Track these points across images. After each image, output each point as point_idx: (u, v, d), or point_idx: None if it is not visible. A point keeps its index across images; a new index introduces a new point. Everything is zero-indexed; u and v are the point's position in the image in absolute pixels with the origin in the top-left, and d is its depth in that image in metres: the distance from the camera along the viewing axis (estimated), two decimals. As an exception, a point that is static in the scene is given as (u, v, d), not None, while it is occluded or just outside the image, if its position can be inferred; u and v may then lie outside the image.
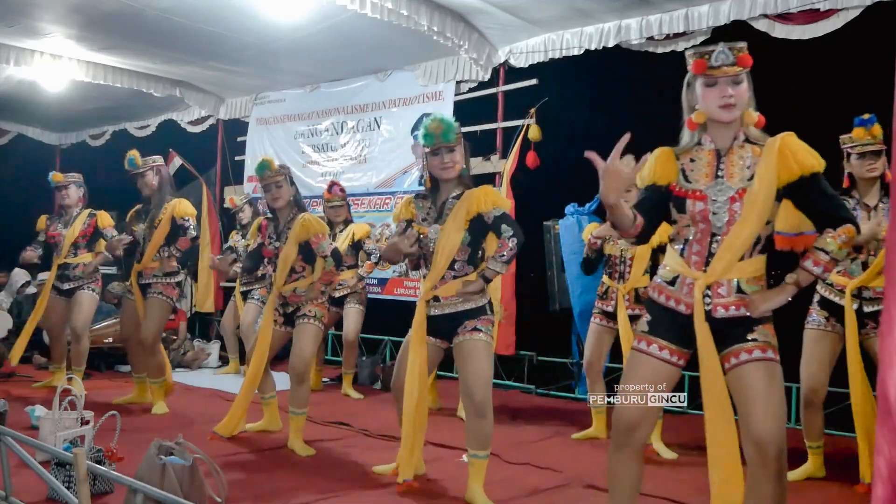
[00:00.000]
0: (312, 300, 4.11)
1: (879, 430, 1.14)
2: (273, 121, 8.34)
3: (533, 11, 5.62)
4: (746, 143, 2.26)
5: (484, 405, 3.12)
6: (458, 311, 3.20)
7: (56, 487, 2.58)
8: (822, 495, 3.51)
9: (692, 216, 2.28)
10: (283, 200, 4.13)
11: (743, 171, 2.23)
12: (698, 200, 2.27)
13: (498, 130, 6.47)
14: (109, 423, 3.30)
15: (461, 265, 3.21)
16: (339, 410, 5.07)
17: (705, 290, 2.23)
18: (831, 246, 2.15)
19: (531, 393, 6.13)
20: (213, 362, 7.25)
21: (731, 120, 2.25)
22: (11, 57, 6.83)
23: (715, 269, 2.21)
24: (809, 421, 3.70)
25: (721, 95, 2.22)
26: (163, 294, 4.90)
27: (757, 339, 2.19)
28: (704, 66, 2.22)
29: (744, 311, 2.21)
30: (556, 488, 3.48)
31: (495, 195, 3.17)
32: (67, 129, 10.52)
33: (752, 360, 2.17)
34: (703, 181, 2.28)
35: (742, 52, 2.21)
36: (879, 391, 1.15)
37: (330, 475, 3.59)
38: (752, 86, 2.25)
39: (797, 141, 2.19)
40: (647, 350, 2.32)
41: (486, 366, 3.15)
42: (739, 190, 2.22)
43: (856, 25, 4.53)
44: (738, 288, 2.22)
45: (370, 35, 6.20)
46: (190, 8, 5.74)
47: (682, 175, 2.32)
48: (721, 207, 2.23)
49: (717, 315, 2.23)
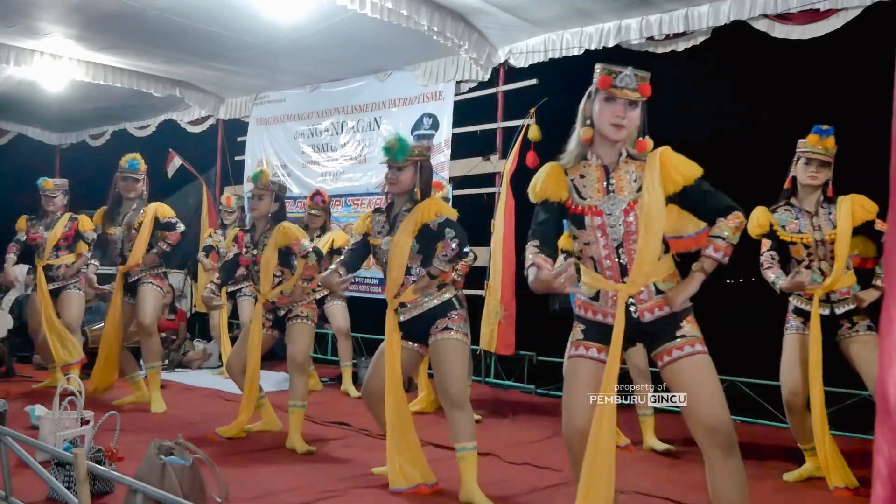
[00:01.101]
0: (300, 301, 4.27)
1: (879, 430, 1.14)
2: (273, 121, 8.34)
3: (533, 11, 5.63)
4: (630, 160, 2.43)
5: (460, 398, 3.26)
6: (425, 311, 3.35)
7: (56, 487, 2.58)
8: (822, 496, 3.51)
9: (592, 231, 2.42)
10: (258, 212, 4.32)
11: (631, 185, 2.39)
12: (595, 216, 2.41)
13: (498, 130, 6.47)
14: (109, 423, 3.30)
15: (417, 270, 3.37)
16: (339, 410, 5.07)
17: (629, 299, 2.37)
18: (726, 231, 2.32)
19: (531, 393, 6.13)
20: (213, 362, 7.25)
21: (618, 139, 2.39)
22: (11, 57, 6.84)
23: (636, 280, 2.35)
24: (795, 424, 3.73)
25: (615, 114, 2.36)
26: (153, 283, 5.12)
27: (685, 335, 2.35)
28: (609, 84, 2.36)
29: (667, 309, 2.36)
30: (555, 488, 3.48)
31: (439, 205, 3.37)
32: (67, 129, 10.52)
33: (685, 356, 2.33)
34: (596, 196, 2.42)
35: (645, 81, 2.37)
36: (879, 391, 1.15)
37: (330, 475, 3.59)
38: (644, 116, 2.41)
39: (675, 154, 2.37)
40: (585, 354, 2.44)
41: (459, 363, 3.30)
42: (630, 202, 2.37)
43: (856, 25, 4.53)
44: (656, 290, 2.38)
45: (370, 35, 6.20)
46: (190, 8, 5.74)
47: (574, 191, 2.45)
48: (616, 220, 2.39)
49: (645, 319, 2.38)
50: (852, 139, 3.77)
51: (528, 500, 3.33)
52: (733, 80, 7.44)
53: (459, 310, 3.41)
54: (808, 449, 3.74)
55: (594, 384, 2.37)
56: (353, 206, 7.51)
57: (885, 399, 1.12)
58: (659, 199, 2.33)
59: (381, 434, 4.43)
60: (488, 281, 5.99)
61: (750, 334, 5.84)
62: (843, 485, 3.47)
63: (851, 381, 4.42)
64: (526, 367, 6.35)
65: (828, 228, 3.58)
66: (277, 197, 4.35)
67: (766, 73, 7.00)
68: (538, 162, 5.86)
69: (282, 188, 4.50)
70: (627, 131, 2.38)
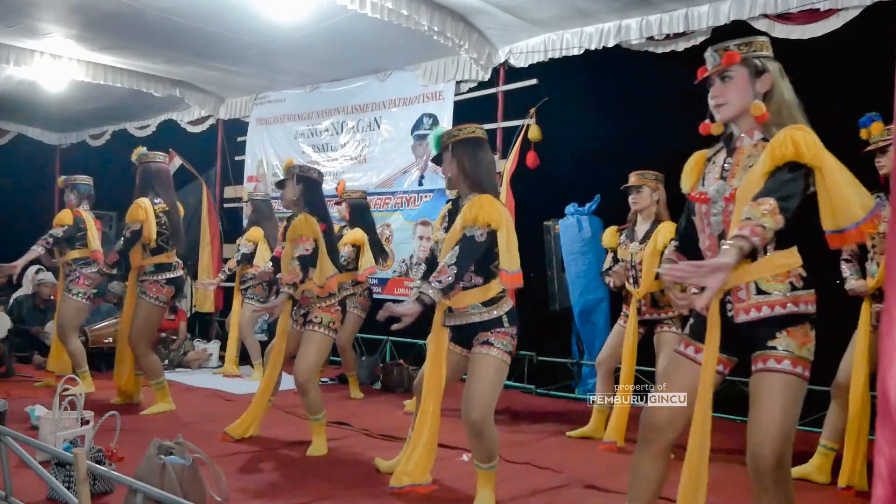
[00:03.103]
0: (316, 303, 4.00)
1: (879, 430, 1.14)
2: (273, 121, 8.34)
3: (533, 11, 5.62)
4: (762, 142, 2.19)
5: (479, 426, 3.00)
6: (470, 323, 3.12)
7: (56, 487, 2.58)
8: (822, 495, 3.51)
9: (700, 219, 2.28)
10: (286, 201, 4.13)
11: (745, 171, 2.17)
12: (703, 203, 2.26)
13: (498, 130, 6.46)
14: (109, 423, 3.30)
15: (469, 275, 3.07)
16: (339, 410, 5.07)
17: (725, 296, 2.17)
18: (754, 212, 1.96)
19: (531, 393, 6.13)
20: (214, 362, 7.25)
21: (724, 119, 2.26)
22: (11, 57, 6.83)
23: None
24: (829, 417, 3.66)
25: (711, 96, 2.27)
26: (148, 295, 4.87)
27: (777, 347, 2.11)
28: (702, 73, 2.28)
29: (766, 311, 2.13)
30: (556, 488, 3.48)
31: (478, 210, 2.99)
32: (67, 129, 10.52)
33: (767, 370, 2.11)
34: (711, 183, 2.27)
35: (728, 49, 2.22)
36: (879, 391, 1.15)
37: (330, 475, 3.59)
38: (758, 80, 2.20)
39: (790, 133, 2.07)
40: (684, 352, 2.30)
41: (490, 383, 3.03)
42: (734, 189, 2.17)
43: (855, 25, 4.52)
44: (757, 290, 2.15)
45: (370, 35, 6.20)
46: (190, 8, 5.73)
47: (702, 179, 2.33)
48: (719, 208, 2.21)
49: (739, 320, 2.17)
50: (852, 139, 3.76)
51: (529, 500, 3.32)
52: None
53: (507, 327, 3.10)
54: (829, 447, 3.65)
55: (688, 384, 2.22)
56: (353, 206, 7.51)
57: (886, 399, 1.12)
58: (754, 184, 2.07)
59: (381, 434, 4.45)
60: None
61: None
62: (855, 486, 3.41)
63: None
64: (526, 367, 6.34)
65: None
66: (300, 179, 4.06)
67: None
68: (538, 162, 5.89)
69: (305, 169, 4.20)
70: (733, 107, 2.21)
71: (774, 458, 2.05)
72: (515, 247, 3.09)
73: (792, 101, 2.21)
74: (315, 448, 4.01)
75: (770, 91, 2.20)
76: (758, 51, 2.24)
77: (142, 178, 4.98)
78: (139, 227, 4.79)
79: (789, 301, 2.13)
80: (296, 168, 4.15)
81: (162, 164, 5.14)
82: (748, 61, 2.21)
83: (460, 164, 3.14)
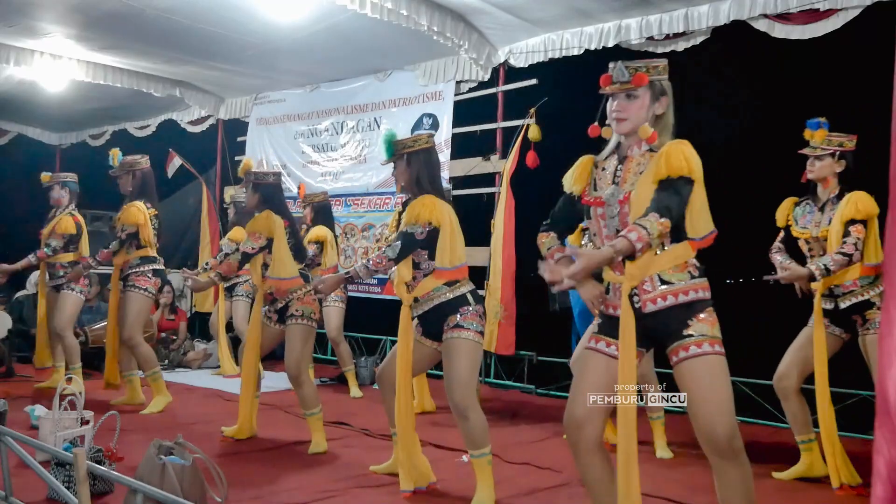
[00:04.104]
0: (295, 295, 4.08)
1: (879, 430, 1.14)
2: (273, 121, 8.35)
3: (533, 11, 5.63)
4: (650, 153, 2.37)
5: (463, 407, 3.10)
6: (436, 305, 3.24)
7: (56, 487, 2.58)
8: (822, 495, 3.51)
9: (595, 221, 2.43)
10: (249, 205, 4.26)
11: (636, 176, 2.35)
12: (598, 206, 2.42)
13: (498, 130, 6.47)
14: (109, 423, 3.30)
15: (426, 263, 3.26)
16: (339, 410, 5.07)
17: (632, 290, 2.31)
18: (653, 228, 2.13)
19: (531, 393, 6.13)
20: (213, 362, 7.25)
21: (621, 133, 2.40)
22: (11, 57, 6.84)
23: (632, 272, 2.28)
24: (789, 412, 3.69)
25: (614, 109, 2.39)
26: (136, 287, 4.98)
27: (693, 334, 2.26)
28: (607, 81, 2.38)
29: (671, 300, 2.28)
30: (556, 488, 3.48)
31: (420, 209, 3.20)
32: (67, 129, 10.52)
33: (690, 357, 2.25)
34: (603, 188, 2.43)
35: (640, 70, 2.34)
36: (879, 391, 1.15)
37: (330, 475, 3.59)
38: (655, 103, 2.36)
39: (680, 147, 2.27)
40: (596, 347, 2.41)
41: (466, 366, 3.14)
42: (627, 192, 2.33)
43: (855, 25, 4.53)
44: (661, 281, 2.30)
45: (370, 35, 6.20)
46: (190, 8, 5.74)
47: (592, 184, 2.48)
48: (614, 210, 2.37)
49: (647, 310, 2.30)
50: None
51: (529, 500, 3.32)
52: (733, 80, 7.45)
53: (474, 306, 3.23)
54: (804, 441, 3.69)
55: (600, 378, 2.33)
56: (352, 206, 7.52)
57: (885, 399, 1.12)
58: (647, 188, 2.27)
59: (381, 434, 4.45)
60: (488, 281, 5.98)
61: (750, 334, 5.84)
62: (847, 483, 3.45)
63: (852, 381, 4.41)
64: (526, 367, 6.35)
65: (825, 225, 3.55)
66: (256, 187, 4.21)
67: (765, 73, 7.01)
68: (538, 162, 5.89)
69: (259, 176, 4.28)
70: (632, 123, 2.36)
71: (728, 430, 2.20)
72: (460, 244, 3.30)
73: (671, 123, 2.41)
74: (315, 445, 4.02)
75: (663, 114, 2.39)
76: (660, 74, 2.39)
77: (139, 183, 5.07)
78: (135, 230, 4.89)
79: (690, 289, 2.30)
80: (251, 175, 4.25)
81: (148, 168, 5.22)
82: (653, 84, 2.37)
83: (412, 173, 3.32)
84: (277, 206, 4.23)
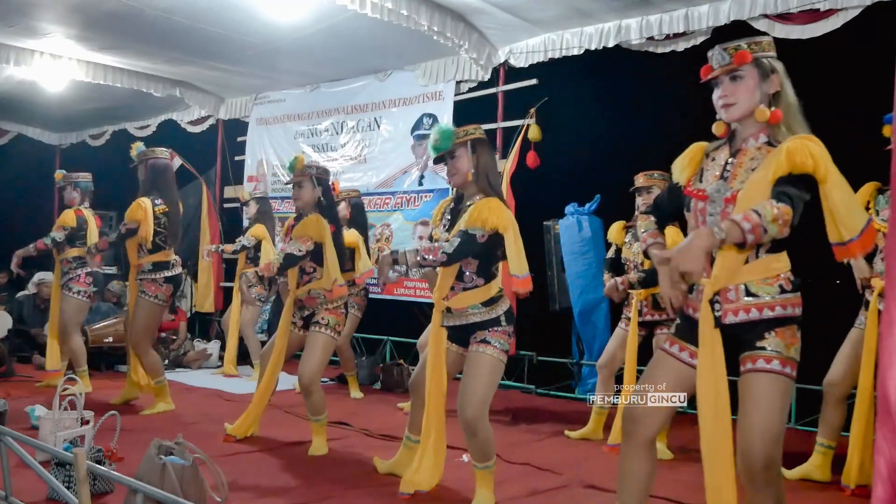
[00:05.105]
0: (323, 305, 3.97)
1: (879, 430, 1.14)
2: (273, 121, 8.34)
3: (533, 11, 5.62)
4: (767, 146, 2.18)
5: (473, 423, 3.02)
6: (469, 324, 3.13)
7: (56, 487, 2.58)
8: (822, 495, 3.50)
9: (694, 215, 2.27)
10: (301, 202, 4.03)
11: (747, 173, 2.16)
12: (699, 200, 2.25)
13: (498, 130, 6.46)
14: (109, 423, 3.30)
15: (470, 276, 3.10)
16: (339, 410, 5.07)
17: (714, 296, 2.16)
18: (766, 211, 1.94)
19: (531, 393, 6.13)
20: (214, 362, 7.25)
21: (732, 119, 2.23)
22: (11, 57, 6.83)
23: (718, 276, 2.13)
24: (825, 415, 3.68)
25: (719, 96, 2.24)
26: (146, 294, 4.88)
27: (766, 347, 2.12)
28: (708, 72, 2.24)
29: (755, 313, 2.13)
30: (556, 489, 3.48)
31: (487, 213, 3.00)
32: (67, 129, 10.53)
33: (755, 371, 2.11)
34: (710, 181, 2.25)
35: (740, 48, 2.18)
36: (880, 391, 1.15)
37: (330, 475, 3.59)
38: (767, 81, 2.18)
39: (804, 143, 2.05)
40: (669, 350, 2.31)
41: (484, 382, 3.03)
42: (735, 191, 2.16)
43: (855, 25, 4.52)
44: (746, 291, 2.15)
45: (370, 35, 6.20)
46: (190, 8, 5.73)
47: (699, 174, 2.32)
48: (716, 208, 2.19)
49: (727, 321, 2.16)
50: (852, 139, 3.76)
51: (528, 500, 3.32)
52: (733, 80, 7.42)
53: (505, 326, 3.11)
54: (824, 444, 3.67)
55: (668, 383, 2.24)
56: (352, 206, 7.50)
57: (886, 400, 1.12)
58: (759, 187, 2.06)
59: (381, 434, 4.45)
60: (488, 281, 5.98)
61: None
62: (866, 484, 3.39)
63: None
64: (526, 367, 6.34)
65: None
66: (319, 181, 4.03)
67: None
68: (538, 162, 5.89)
69: (322, 171, 4.15)
70: (742, 108, 2.18)
71: (765, 459, 2.06)
72: (523, 251, 3.09)
73: (795, 102, 2.21)
74: (316, 448, 4.01)
75: (778, 92, 2.19)
76: (765, 51, 2.22)
77: (148, 176, 4.95)
78: (136, 226, 4.78)
79: (778, 304, 2.14)
80: (312, 169, 4.07)
81: (167, 161, 5.11)
82: (759, 61, 2.19)
83: (478, 163, 3.12)
84: (329, 208, 4.07)
